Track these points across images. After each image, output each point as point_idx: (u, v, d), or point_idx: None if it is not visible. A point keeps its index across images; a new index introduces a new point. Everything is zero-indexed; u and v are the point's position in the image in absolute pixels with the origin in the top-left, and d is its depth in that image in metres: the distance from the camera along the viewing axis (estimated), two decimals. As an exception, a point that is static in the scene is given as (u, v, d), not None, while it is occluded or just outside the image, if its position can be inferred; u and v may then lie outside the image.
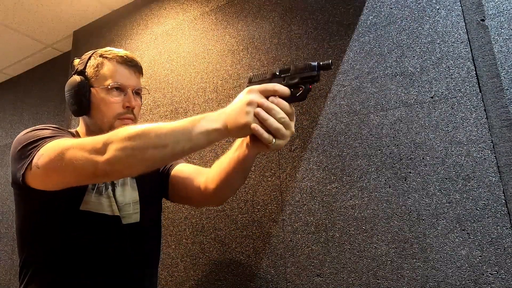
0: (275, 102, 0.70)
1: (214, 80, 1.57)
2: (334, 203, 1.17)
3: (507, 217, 0.92)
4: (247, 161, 0.85)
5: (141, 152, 0.71)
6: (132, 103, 0.97)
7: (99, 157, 0.71)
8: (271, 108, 0.69)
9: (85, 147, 0.74)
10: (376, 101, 1.17)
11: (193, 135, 0.71)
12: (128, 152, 0.71)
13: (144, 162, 0.72)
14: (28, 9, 2.03)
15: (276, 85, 0.72)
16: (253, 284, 1.26)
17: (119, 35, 2.04)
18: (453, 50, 1.08)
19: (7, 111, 2.78)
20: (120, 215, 0.94)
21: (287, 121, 0.71)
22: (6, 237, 2.38)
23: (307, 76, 0.71)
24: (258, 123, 0.69)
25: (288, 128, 0.71)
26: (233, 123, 0.71)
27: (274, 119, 0.69)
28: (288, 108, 0.71)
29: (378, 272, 1.05)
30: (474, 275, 0.93)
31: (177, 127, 0.72)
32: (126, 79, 0.98)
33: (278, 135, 0.70)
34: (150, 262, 1.03)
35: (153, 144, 0.71)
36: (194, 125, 0.71)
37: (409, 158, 1.08)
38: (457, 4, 1.10)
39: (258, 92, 0.72)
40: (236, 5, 1.60)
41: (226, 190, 0.96)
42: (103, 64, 0.98)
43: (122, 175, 0.81)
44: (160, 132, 0.71)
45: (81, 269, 0.87)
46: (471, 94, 1.03)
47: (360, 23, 1.26)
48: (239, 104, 0.72)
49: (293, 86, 0.72)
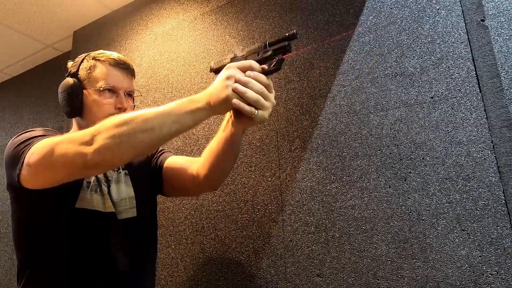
0: (252, 76, 0.74)
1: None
2: (334, 203, 1.17)
3: (507, 217, 0.92)
4: (234, 139, 0.88)
5: (129, 137, 0.72)
6: (124, 104, 0.99)
7: (88, 148, 0.72)
8: (248, 81, 0.74)
9: (74, 140, 0.75)
10: (376, 101, 1.17)
11: (179, 116, 0.74)
12: (116, 139, 0.72)
13: (133, 147, 0.73)
14: (28, 9, 2.03)
15: (252, 61, 0.77)
16: (253, 284, 1.26)
17: (119, 35, 2.04)
18: (453, 50, 1.08)
19: (7, 111, 2.78)
20: (116, 210, 0.95)
21: (265, 92, 0.75)
22: (6, 237, 2.38)
23: (279, 48, 0.75)
24: (238, 98, 0.73)
25: (267, 99, 0.76)
26: (215, 99, 0.75)
27: (252, 91, 0.73)
28: (265, 80, 0.75)
29: (378, 272, 1.05)
30: (474, 275, 0.93)
31: (163, 110, 0.74)
32: (118, 81, 1.00)
33: (259, 105, 0.74)
34: (148, 256, 1.04)
35: (140, 128, 0.72)
36: (179, 107, 0.75)
37: (409, 158, 1.08)
38: (457, 4, 1.10)
39: (235, 68, 0.76)
40: (236, 5, 1.60)
41: (218, 173, 0.98)
42: (95, 66, 0.99)
43: (112, 164, 0.81)
44: (146, 116, 0.73)
45: (79, 267, 0.87)
46: (471, 94, 1.03)
47: (360, 23, 1.26)
48: (219, 81, 0.77)
49: (267, 59, 0.77)
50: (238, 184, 1.39)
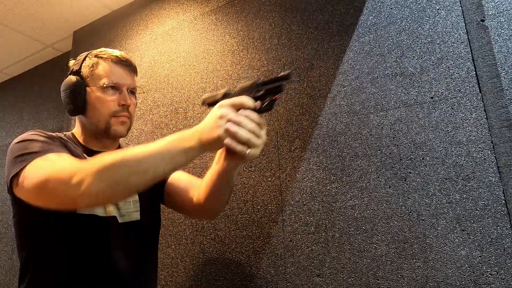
0: (244, 114, 0.74)
1: (214, 80, 1.57)
2: (334, 203, 1.17)
3: (507, 217, 0.92)
4: (227, 174, 0.89)
5: (122, 181, 0.71)
6: (128, 101, 0.99)
7: (77, 191, 0.70)
8: (240, 121, 0.73)
9: (63, 180, 0.72)
10: (376, 101, 1.17)
11: (172, 156, 0.73)
12: (109, 183, 0.71)
13: (126, 190, 0.74)
14: (28, 9, 2.03)
15: (244, 98, 0.76)
16: (253, 284, 1.26)
17: (119, 35, 2.04)
18: (453, 50, 1.08)
19: (7, 111, 2.78)
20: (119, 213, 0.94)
21: (257, 130, 0.75)
22: (6, 237, 2.38)
23: (271, 88, 0.76)
24: (230, 137, 0.73)
25: (259, 137, 0.76)
26: (207, 138, 0.74)
27: (244, 131, 0.73)
28: (257, 119, 0.75)
29: (378, 272, 1.05)
30: (474, 275, 0.93)
31: (156, 150, 0.73)
32: (121, 78, 1.00)
33: (250, 144, 0.74)
34: (149, 260, 1.04)
35: (134, 171, 0.72)
36: (172, 146, 0.74)
37: (409, 158, 1.08)
38: (457, 5, 1.10)
39: (228, 106, 0.75)
40: (236, 5, 1.60)
41: (215, 203, 0.99)
42: (98, 64, 0.99)
43: (104, 204, 0.81)
44: (139, 157, 0.72)
45: (80, 271, 0.86)
46: (471, 94, 1.03)
47: (360, 24, 1.26)
48: (211, 119, 0.75)
49: (260, 98, 0.77)
50: (238, 184, 1.39)
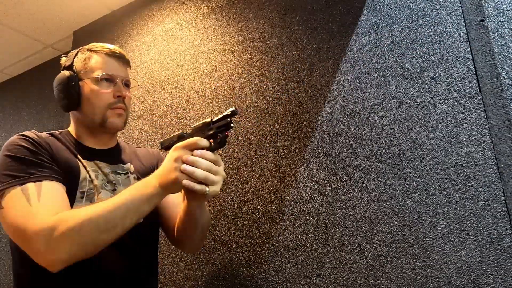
0: (198, 154, 0.76)
1: (214, 80, 1.57)
2: (334, 203, 1.17)
3: (507, 217, 0.92)
4: (193, 213, 0.89)
5: (93, 241, 0.73)
6: (123, 92, 0.97)
7: (52, 257, 0.72)
8: (195, 161, 0.75)
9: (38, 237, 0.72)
10: (376, 101, 1.17)
11: (137, 206, 0.75)
12: (81, 245, 0.72)
13: (99, 247, 0.75)
14: (28, 9, 2.03)
15: (197, 139, 0.78)
16: (253, 284, 1.26)
17: (119, 35, 2.04)
18: (453, 50, 1.08)
19: (7, 111, 2.78)
20: None
21: (213, 168, 0.76)
22: (6, 237, 2.38)
23: (221, 125, 0.78)
24: (188, 178, 0.74)
25: (216, 174, 0.77)
26: (166, 181, 0.76)
27: (200, 170, 0.74)
28: (211, 156, 0.77)
29: (378, 272, 1.05)
30: (474, 275, 0.93)
31: (121, 203, 0.75)
32: (115, 70, 0.98)
33: (209, 182, 0.75)
34: (149, 262, 1.02)
35: (104, 229, 0.73)
36: (135, 196, 0.76)
37: (409, 158, 1.08)
38: (457, 5, 1.10)
39: (182, 148, 0.77)
40: (236, 5, 1.60)
41: (188, 241, 0.99)
42: (91, 57, 0.98)
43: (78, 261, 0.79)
44: (107, 214, 0.73)
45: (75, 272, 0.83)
46: (471, 94, 1.03)
47: (360, 23, 1.26)
48: (167, 162, 0.77)
49: (212, 136, 0.79)
50: (238, 184, 1.39)
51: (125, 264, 0.91)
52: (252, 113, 1.42)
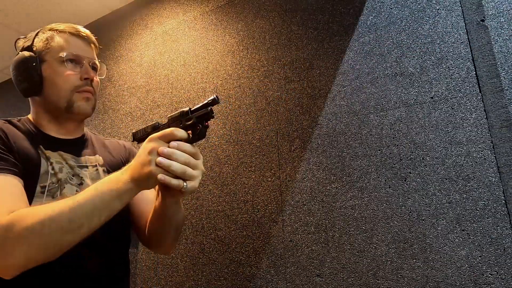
0: (175, 146, 0.67)
1: (214, 80, 1.57)
2: (334, 203, 1.17)
3: (507, 217, 0.92)
4: (167, 211, 0.81)
5: (55, 242, 0.65)
6: (91, 74, 0.88)
7: (7, 262, 0.64)
8: (171, 153, 0.66)
9: None
10: (376, 101, 1.17)
11: (106, 203, 0.67)
12: (41, 247, 0.64)
13: (62, 249, 0.67)
14: (28, 9, 2.03)
15: (174, 129, 0.69)
16: (253, 284, 1.26)
17: (119, 35, 2.04)
18: (453, 50, 1.08)
19: (7, 111, 2.78)
20: None
21: (192, 161, 0.68)
22: None
23: (201, 115, 0.71)
24: (164, 172, 0.66)
25: (195, 168, 0.69)
26: (139, 175, 0.67)
27: (178, 163, 0.66)
28: (190, 149, 0.69)
29: (378, 272, 1.05)
30: (474, 275, 0.93)
31: (87, 199, 0.66)
32: (81, 50, 0.89)
33: (186, 177, 0.67)
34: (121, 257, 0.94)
35: (67, 229, 0.64)
36: (104, 191, 0.67)
37: (409, 158, 1.08)
38: (457, 5, 1.10)
39: (157, 140, 0.69)
40: (236, 5, 1.60)
41: (160, 240, 0.90)
42: (53, 37, 0.88)
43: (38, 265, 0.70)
44: (71, 212, 0.65)
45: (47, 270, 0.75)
46: (471, 94, 1.03)
47: (360, 23, 1.26)
48: (141, 154, 0.69)
49: (191, 127, 0.71)
50: (238, 184, 1.39)
51: (99, 261, 0.84)
52: (252, 113, 1.42)
